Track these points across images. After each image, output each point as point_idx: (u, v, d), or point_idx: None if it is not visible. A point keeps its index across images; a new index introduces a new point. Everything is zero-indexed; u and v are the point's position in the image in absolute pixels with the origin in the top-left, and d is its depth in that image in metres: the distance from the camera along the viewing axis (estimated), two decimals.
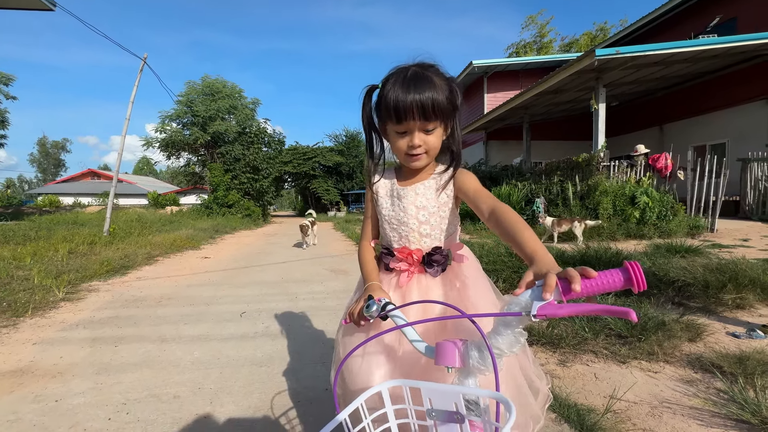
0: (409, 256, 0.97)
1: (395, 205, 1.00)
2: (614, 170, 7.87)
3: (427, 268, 0.97)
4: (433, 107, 0.82)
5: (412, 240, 0.98)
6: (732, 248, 4.87)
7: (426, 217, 0.97)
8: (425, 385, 0.61)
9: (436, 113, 0.84)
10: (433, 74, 0.85)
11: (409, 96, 0.82)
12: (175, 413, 1.65)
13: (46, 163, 67.55)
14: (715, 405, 1.58)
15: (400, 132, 0.88)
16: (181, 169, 20.06)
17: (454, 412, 0.59)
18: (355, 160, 27.68)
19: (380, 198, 1.03)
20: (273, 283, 4.26)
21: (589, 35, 25.93)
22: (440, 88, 0.84)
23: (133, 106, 8.21)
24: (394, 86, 0.84)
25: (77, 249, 5.95)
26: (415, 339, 0.71)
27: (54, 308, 3.27)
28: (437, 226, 0.98)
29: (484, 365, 0.59)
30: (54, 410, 1.69)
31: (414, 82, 0.83)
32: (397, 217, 0.99)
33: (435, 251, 0.97)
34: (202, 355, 2.27)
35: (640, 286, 0.50)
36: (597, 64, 7.46)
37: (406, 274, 0.98)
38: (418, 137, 0.87)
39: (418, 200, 0.97)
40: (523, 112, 12.15)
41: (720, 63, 8.81)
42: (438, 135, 0.90)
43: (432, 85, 0.83)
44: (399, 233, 0.99)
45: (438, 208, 0.97)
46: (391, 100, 0.84)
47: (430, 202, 0.96)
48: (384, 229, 1.03)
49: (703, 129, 10.51)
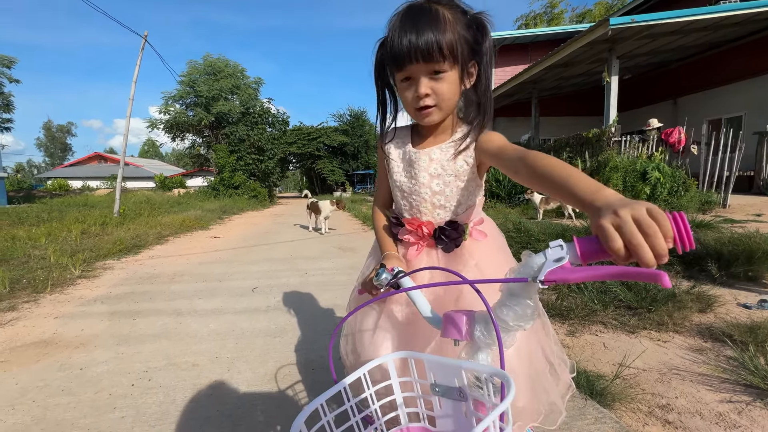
0: (418, 229, 0.87)
1: (407, 171, 0.88)
2: (626, 146, 7.69)
3: (438, 243, 0.87)
4: (438, 47, 0.69)
5: (423, 211, 0.87)
6: (745, 223, 4.79)
7: (440, 187, 0.85)
8: (429, 358, 0.58)
9: (443, 54, 0.70)
10: (443, 6, 0.72)
11: (407, 36, 0.69)
12: (195, 380, 1.71)
13: (53, 148, 67.95)
14: (724, 371, 1.60)
15: (406, 79, 0.76)
16: (186, 150, 20.10)
17: (456, 389, 0.56)
18: (360, 140, 27.38)
19: (392, 161, 0.91)
20: (282, 260, 4.32)
21: (604, 5, 24.80)
22: (449, 24, 0.70)
23: (135, 87, 8.13)
24: (394, 26, 0.72)
25: (89, 229, 6.06)
26: (422, 306, 0.67)
27: (71, 285, 3.36)
28: (453, 197, 0.86)
29: (491, 339, 0.55)
30: (80, 377, 1.76)
31: (414, 18, 0.70)
32: (409, 184, 0.88)
33: (449, 225, 0.86)
34: (217, 327, 2.34)
35: (686, 243, 0.38)
36: (611, 34, 7.16)
37: (415, 248, 0.89)
38: (424, 84, 0.73)
39: (431, 167, 0.84)
40: (531, 87, 11.82)
41: (740, 31, 8.40)
42: (451, 81, 0.74)
43: (437, 20, 0.70)
44: (410, 202, 0.89)
45: (455, 176, 0.84)
46: (389, 43, 0.73)
47: (446, 169, 0.84)
48: (395, 196, 0.93)
49: (719, 101, 10.16)
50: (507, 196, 8.51)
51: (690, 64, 10.56)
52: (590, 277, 0.43)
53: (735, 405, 1.39)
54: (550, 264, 0.46)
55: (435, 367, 0.58)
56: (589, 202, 0.47)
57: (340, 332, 1.02)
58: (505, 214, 6.26)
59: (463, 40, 0.73)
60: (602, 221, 0.41)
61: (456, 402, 0.57)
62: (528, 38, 14.11)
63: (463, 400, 0.55)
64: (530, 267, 0.49)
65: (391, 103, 0.88)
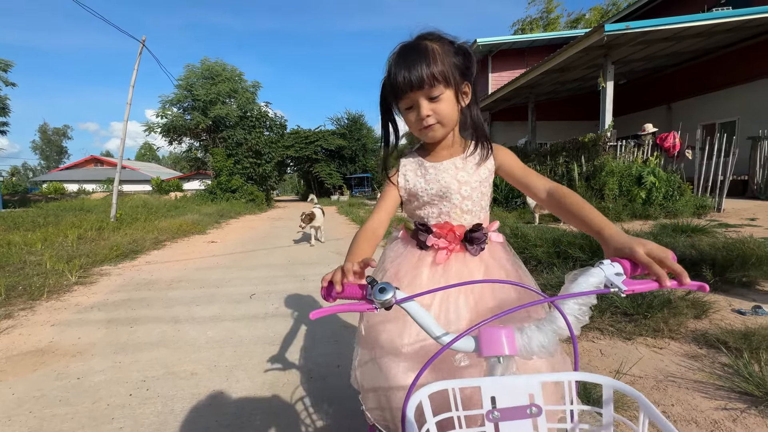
0: (450, 233, 0.91)
1: (432, 181, 0.92)
2: (621, 150, 7.75)
3: (469, 245, 0.91)
4: (430, 77, 0.78)
5: (453, 217, 0.93)
6: (739, 227, 4.84)
7: (468, 192, 0.92)
8: (486, 382, 0.51)
9: (435, 78, 0.79)
10: (430, 41, 0.82)
11: (401, 72, 0.79)
12: (193, 389, 1.71)
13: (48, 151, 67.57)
14: (719, 379, 1.62)
15: (408, 108, 0.85)
16: (184, 154, 20.01)
17: (526, 406, 0.51)
18: (358, 144, 27.42)
19: (410, 180, 0.95)
20: (280, 266, 4.31)
21: (599, 11, 25.07)
22: (438, 54, 0.80)
23: (133, 91, 8.13)
24: (392, 65, 0.82)
25: (86, 234, 6.03)
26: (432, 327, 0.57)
27: (68, 292, 3.34)
28: (478, 203, 0.93)
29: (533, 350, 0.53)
30: (77, 387, 1.76)
31: (405, 56, 0.80)
32: (439, 193, 0.92)
33: (476, 228, 0.92)
34: (215, 335, 2.33)
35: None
36: (606, 40, 7.24)
37: (444, 252, 0.91)
38: (425, 106, 0.82)
39: (459, 174, 0.92)
40: (528, 91, 11.90)
41: (734, 37, 8.52)
42: (448, 101, 0.83)
43: (425, 55, 0.79)
44: (440, 209, 0.93)
45: (480, 183, 0.92)
46: (389, 79, 0.82)
47: (472, 176, 0.92)
48: (421, 209, 0.96)
49: (713, 106, 10.27)
50: (504, 200, 8.55)
51: (684, 70, 10.68)
52: (654, 287, 0.54)
53: (730, 412, 1.40)
54: (613, 278, 0.54)
55: (498, 390, 0.51)
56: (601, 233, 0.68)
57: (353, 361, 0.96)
58: (502, 218, 6.29)
59: (453, 66, 0.82)
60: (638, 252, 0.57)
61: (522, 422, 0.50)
62: (524, 43, 14.23)
63: (535, 416, 0.50)
64: (594, 278, 0.55)
65: (394, 135, 0.96)
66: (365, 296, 0.59)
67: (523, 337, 0.53)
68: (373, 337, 0.89)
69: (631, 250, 0.58)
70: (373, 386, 0.86)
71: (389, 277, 0.93)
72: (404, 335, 0.83)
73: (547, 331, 0.54)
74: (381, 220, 0.92)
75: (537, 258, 3.46)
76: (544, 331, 0.54)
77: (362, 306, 0.58)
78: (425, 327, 0.57)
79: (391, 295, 0.56)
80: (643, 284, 0.53)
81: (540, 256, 3.45)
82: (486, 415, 0.50)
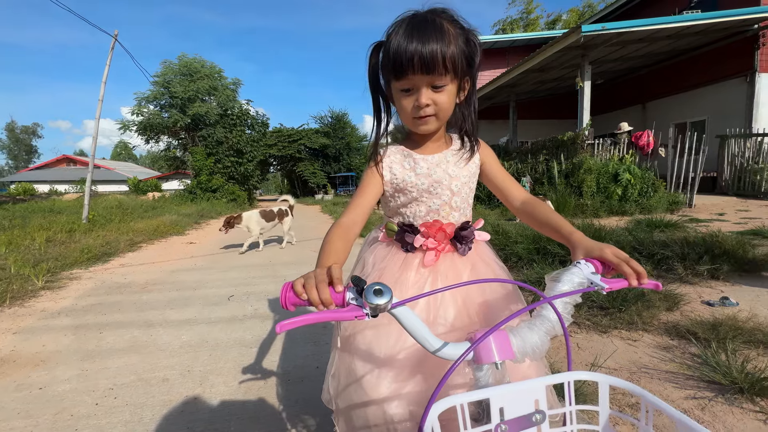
0: (440, 231, 0.86)
1: (423, 175, 0.85)
2: (598, 148, 7.96)
3: (459, 244, 0.87)
4: (442, 59, 0.69)
5: (442, 214, 0.87)
6: (708, 222, 5.04)
7: (458, 188, 0.86)
8: (495, 392, 0.47)
9: (446, 67, 0.70)
10: (445, 20, 0.72)
11: (411, 45, 0.68)
12: (164, 396, 1.65)
13: (17, 150, 64.47)
14: (689, 369, 1.66)
15: (405, 90, 0.75)
16: (162, 153, 19.47)
17: (531, 414, 0.48)
18: (342, 142, 27.27)
19: (397, 173, 0.86)
20: (261, 266, 4.23)
21: (576, 12, 25.68)
22: (452, 37, 0.71)
23: (106, 87, 7.82)
24: (396, 35, 0.71)
25: (55, 237, 5.76)
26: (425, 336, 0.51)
27: (34, 297, 3.18)
28: (466, 199, 0.90)
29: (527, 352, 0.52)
30: (38, 398, 1.66)
31: (420, 28, 0.69)
32: (429, 188, 0.85)
33: (465, 226, 0.88)
34: (190, 339, 2.26)
35: None
36: (583, 41, 7.41)
37: (432, 254, 0.86)
38: (426, 95, 0.73)
39: (450, 168, 0.85)
40: (509, 90, 12.08)
41: (702, 39, 8.87)
42: (450, 94, 0.75)
43: (441, 33, 0.69)
44: (428, 206, 0.86)
45: (468, 178, 0.88)
46: (392, 51, 0.71)
47: (462, 171, 0.87)
48: (406, 207, 0.88)
49: (684, 106, 10.67)
50: (486, 198, 8.65)
51: (658, 71, 11.05)
52: (622, 286, 0.57)
53: (699, 401, 1.44)
54: (591, 276, 0.58)
55: (506, 400, 0.48)
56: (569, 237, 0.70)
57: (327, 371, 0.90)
58: (484, 216, 6.36)
59: (463, 55, 0.73)
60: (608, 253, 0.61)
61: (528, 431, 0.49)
62: (505, 43, 14.43)
63: (539, 423, 0.48)
64: (577, 276, 0.57)
65: (386, 114, 0.86)
66: (347, 301, 0.50)
67: (517, 340, 0.52)
68: (351, 347, 0.81)
69: (601, 252, 0.62)
70: (350, 403, 0.78)
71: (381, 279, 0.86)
72: (387, 343, 0.77)
73: (539, 332, 0.53)
74: (358, 215, 0.81)
75: (518, 254, 3.50)
76: (537, 331, 0.53)
77: (346, 313, 0.48)
78: (419, 336, 0.51)
79: (388, 299, 0.47)
80: (616, 282, 0.57)
81: (521, 253, 3.49)
82: (494, 429, 0.47)
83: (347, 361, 0.82)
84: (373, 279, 0.80)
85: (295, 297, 0.51)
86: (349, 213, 0.80)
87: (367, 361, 0.78)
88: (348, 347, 0.83)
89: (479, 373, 0.51)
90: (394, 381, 0.75)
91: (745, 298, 2.38)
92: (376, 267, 0.89)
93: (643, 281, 0.58)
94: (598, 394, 0.51)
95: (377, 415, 0.74)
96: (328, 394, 0.88)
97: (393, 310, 0.50)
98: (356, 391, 0.77)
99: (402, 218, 0.90)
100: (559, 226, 0.75)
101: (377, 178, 0.86)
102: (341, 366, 0.84)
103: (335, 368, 0.86)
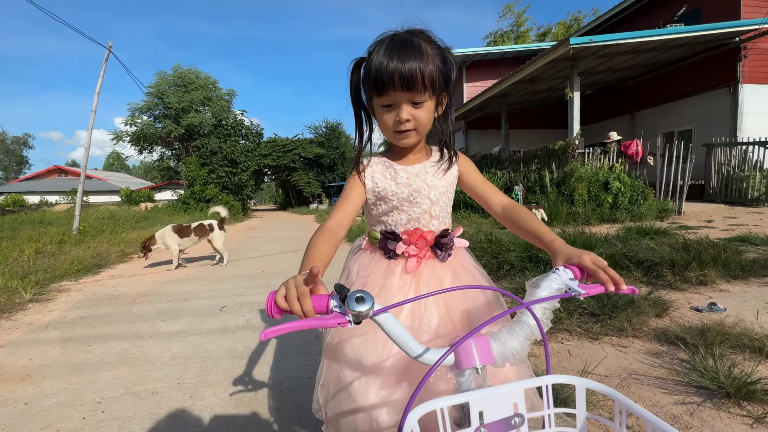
0: (421, 239, 0.89)
1: (403, 185, 0.88)
2: (589, 157, 8.10)
3: (439, 251, 0.90)
4: (421, 77, 0.73)
5: (423, 222, 0.90)
6: (697, 229, 5.12)
7: (437, 197, 0.90)
8: (474, 396, 0.48)
9: (424, 84, 0.74)
10: (423, 41, 0.76)
11: (392, 64, 0.72)
12: (153, 409, 1.62)
13: (7, 160, 63.76)
14: (678, 374, 1.68)
15: (386, 105, 0.78)
16: (155, 163, 19.39)
17: (511, 417, 0.49)
18: (336, 152, 27.35)
19: (378, 182, 0.90)
20: (254, 277, 4.20)
21: (564, 24, 26.33)
22: (430, 57, 0.75)
23: (99, 98, 7.81)
24: (377, 54, 0.74)
25: (45, 249, 5.68)
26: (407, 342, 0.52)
27: (21, 310, 3.12)
28: (445, 208, 0.93)
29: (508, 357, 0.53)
30: (24, 413, 1.63)
31: (399, 48, 0.73)
32: (409, 197, 0.88)
33: (444, 233, 0.91)
34: (181, 351, 2.23)
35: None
36: (571, 53, 7.60)
37: (414, 260, 0.89)
38: (406, 111, 0.77)
39: (429, 179, 0.89)
40: (501, 101, 12.28)
41: (687, 51, 9.14)
42: (428, 110, 0.80)
43: (420, 53, 0.74)
44: (408, 215, 0.89)
45: (446, 188, 0.92)
46: (373, 69, 0.74)
47: (440, 181, 0.90)
48: (387, 215, 0.91)
49: (671, 116, 10.92)
50: (480, 207, 8.69)
51: (645, 81, 11.33)
52: (602, 290, 0.60)
53: (688, 406, 1.46)
54: (569, 282, 0.59)
55: (485, 403, 0.49)
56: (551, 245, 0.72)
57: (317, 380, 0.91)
58: (477, 225, 6.40)
59: (440, 73, 0.77)
60: (586, 260, 0.63)
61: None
62: (496, 55, 14.72)
63: (518, 426, 0.50)
64: (555, 282, 0.59)
65: (367, 127, 0.90)
66: (331, 309, 0.51)
67: (498, 345, 0.53)
68: (339, 356, 0.82)
69: (580, 259, 0.63)
70: (339, 411, 0.80)
71: (366, 287, 0.88)
72: (374, 351, 0.78)
73: (519, 337, 0.54)
74: (344, 218, 0.84)
75: (510, 263, 3.52)
76: (517, 336, 0.54)
77: (329, 320, 0.49)
78: (401, 342, 0.52)
79: (369, 306, 0.48)
80: (594, 288, 0.59)
81: (513, 261, 3.51)
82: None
83: (335, 370, 0.83)
84: (358, 286, 0.84)
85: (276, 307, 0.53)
86: (334, 217, 0.83)
87: (354, 369, 0.79)
88: (336, 356, 0.84)
89: (461, 378, 0.52)
90: (382, 388, 0.76)
91: (732, 304, 2.42)
92: (360, 275, 0.91)
93: (621, 287, 0.60)
94: (575, 397, 0.53)
95: (365, 423, 0.75)
96: (317, 404, 0.89)
97: (375, 316, 0.50)
98: (345, 399, 0.78)
99: (384, 226, 0.93)
100: (541, 233, 0.76)
101: (360, 186, 0.90)
102: (329, 375, 0.85)
103: (324, 377, 0.87)
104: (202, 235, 4.97)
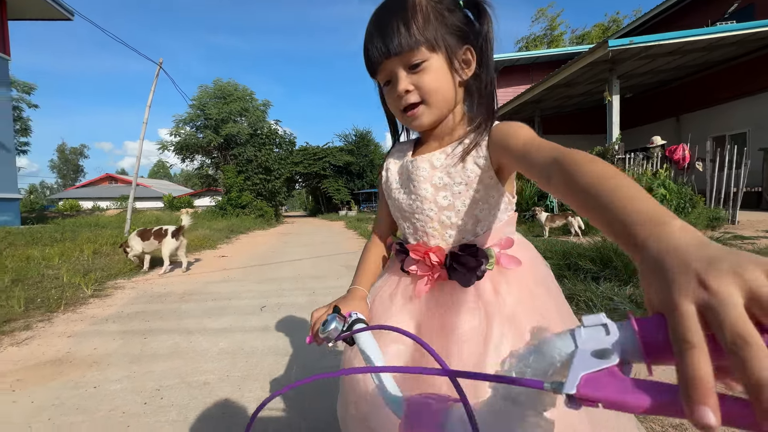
0: (424, 257, 0.67)
1: (406, 186, 0.72)
2: (630, 163, 7.74)
3: (451, 273, 0.65)
4: (406, 29, 0.58)
5: (432, 233, 0.69)
6: (755, 239, 4.74)
7: (449, 200, 0.67)
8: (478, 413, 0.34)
9: (411, 36, 0.58)
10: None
11: (374, 29, 0.61)
12: (206, 398, 1.73)
13: (65, 169, 69.79)
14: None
15: (387, 83, 0.65)
16: (195, 171, 20.52)
17: None
18: (365, 159, 27.75)
19: (390, 178, 0.75)
20: (290, 279, 4.35)
21: (601, 27, 25.46)
22: (420, 8, 0.59)
23: (149, 111, 8.43)
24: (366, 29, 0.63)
25: (101, 249, 6.17)
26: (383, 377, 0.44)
27: (84, 304, 3.41)
28: (468, 212, 0.66)
29: None
30: (93, 396, 1.79)
31: (380, 11, 0.62)
32: (409, 202, 0.71)
33: (464, 250, 0.65)
34: (227, 346, 2.36)
35: None
36: (610, 56, 7.34)
37: (424, 280, 0.69)
38: (403, 79, 0.61)
39: (435, 176, 0.67)
40: (534, 106, 12.04)
41: (739, 50, 8.56)
42: (435, 70, 0.61)
43: (404, 7, 0.59)
44: (413, 225, 0.71)
45: (466, 185, 0.65)
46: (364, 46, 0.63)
47: (454, 177, 0.66)
48: (396, 218, 0.77)
49: (722, 119, 10.23)
50: None
51: (691, 83, 10.71)
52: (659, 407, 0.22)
53: None
54: (586, 359, 0.25)
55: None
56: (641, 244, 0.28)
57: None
58: None
59: (444, 25, 0.60)
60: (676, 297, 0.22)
61: None
62: (529, 59, 14.47)
63: None
64: (547, 357, 0.28)
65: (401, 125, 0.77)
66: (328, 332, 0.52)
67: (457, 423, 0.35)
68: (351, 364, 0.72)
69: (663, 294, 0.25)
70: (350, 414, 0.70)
71: (372, 307, 0.74)
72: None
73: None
74: (384, 227, 0.79)
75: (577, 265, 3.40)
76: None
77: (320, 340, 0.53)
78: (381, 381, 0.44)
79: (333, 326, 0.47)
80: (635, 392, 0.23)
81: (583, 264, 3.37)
82: None
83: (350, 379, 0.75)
84: (370, 301, 0.74)
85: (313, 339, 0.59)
86: (377, 225, 0.83)
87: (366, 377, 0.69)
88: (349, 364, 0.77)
89: None
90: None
91: None
92: (375, 288, 0.78)
93: None
94: None
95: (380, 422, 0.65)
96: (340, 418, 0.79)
97: (359, 341, 0.50)
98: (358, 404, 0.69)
99: (401, 231, 0.77)
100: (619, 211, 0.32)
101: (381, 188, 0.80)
102: (344, 382, 0.77)
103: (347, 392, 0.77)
104: (160, 240, 4.89)
